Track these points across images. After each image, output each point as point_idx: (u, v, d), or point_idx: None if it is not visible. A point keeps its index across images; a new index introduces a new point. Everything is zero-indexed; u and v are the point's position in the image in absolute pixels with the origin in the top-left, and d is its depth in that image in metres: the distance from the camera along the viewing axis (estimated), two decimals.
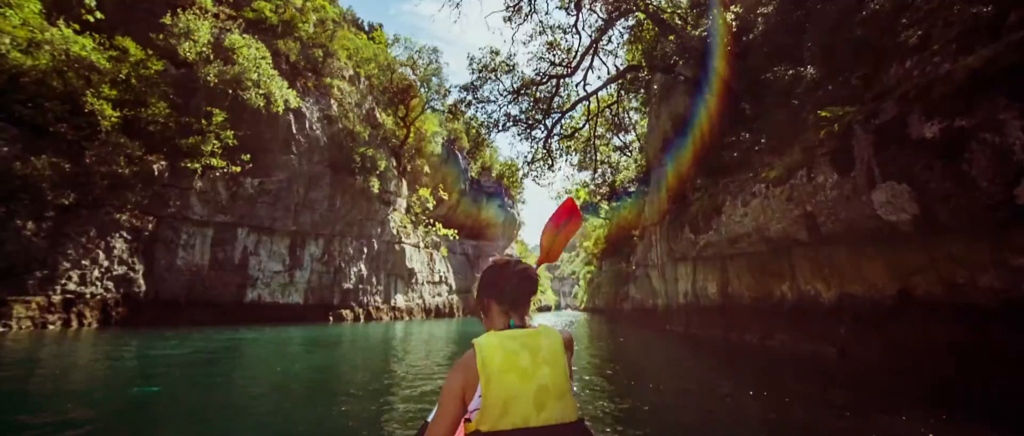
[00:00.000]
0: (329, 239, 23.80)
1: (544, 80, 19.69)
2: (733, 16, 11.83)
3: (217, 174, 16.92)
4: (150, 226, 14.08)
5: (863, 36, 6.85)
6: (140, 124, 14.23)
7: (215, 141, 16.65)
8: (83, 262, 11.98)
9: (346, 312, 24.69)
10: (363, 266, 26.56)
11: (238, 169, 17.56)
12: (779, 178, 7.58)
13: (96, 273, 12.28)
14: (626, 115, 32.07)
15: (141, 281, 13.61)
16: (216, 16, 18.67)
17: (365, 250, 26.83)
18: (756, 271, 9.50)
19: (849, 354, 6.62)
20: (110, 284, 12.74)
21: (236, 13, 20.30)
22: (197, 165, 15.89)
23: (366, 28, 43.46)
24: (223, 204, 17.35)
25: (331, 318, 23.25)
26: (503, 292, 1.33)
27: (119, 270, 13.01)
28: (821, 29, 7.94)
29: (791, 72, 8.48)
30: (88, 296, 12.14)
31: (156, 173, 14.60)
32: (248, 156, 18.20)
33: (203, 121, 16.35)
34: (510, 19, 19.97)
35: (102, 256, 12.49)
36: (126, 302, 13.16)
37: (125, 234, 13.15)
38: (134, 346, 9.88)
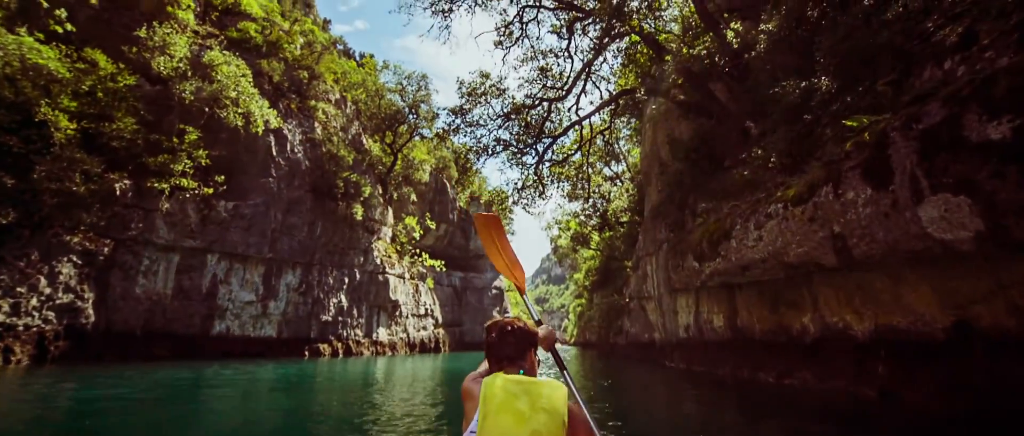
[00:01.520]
0: (308, 268, 22.55)
1: (536, 103, 19.24)
2: (734, 34, 11.45)
3: (187, 196, 15.85)
4: (106, 250, 12.87)
5: (887, 40, 6.30)
6: (103, 139, 13.24)
7: (187, 160, 15.66)
8: (18, 289, 10.69)
9: (324, 346, 23.16)
10: (344, 297, 25.20)
11: (210, 191, 16.52)
12: (799, 196, 6.85)
13: (33, 302, 10.98)
14: (617, 144, 31.86)
15: (90, 311, 12.27)
16: (197, 33, 18.03)
17: (346, 280, 25.52)
18: (769, 301, 8.66)
19: (892, 395, 5.72)
20: (50, 314, 11.41)
21: (219, 32, 19.72)
22: (165, 185, 14.84)
23: (357, 58, 43.47)
24: (192, 228, 16.19)
25: (307, 353, 21.72)
26: (497, 352, 1.48)
27: (63, 298, 11.70)
28: (834, 38, 7.44)
29: (803, 84, 7.92)
30: (20, 328, 10.76)
31: (118, 192, 13.51)
32: (222, 177, 17.20)
33: (175, 139, 15.40)
34: (501, 43, 19.68)
35: (43, 283, 11.22)
36: (69, 335, 11.78)
37: (75, 258, 11.92)
38: (70, 386, 8.60)
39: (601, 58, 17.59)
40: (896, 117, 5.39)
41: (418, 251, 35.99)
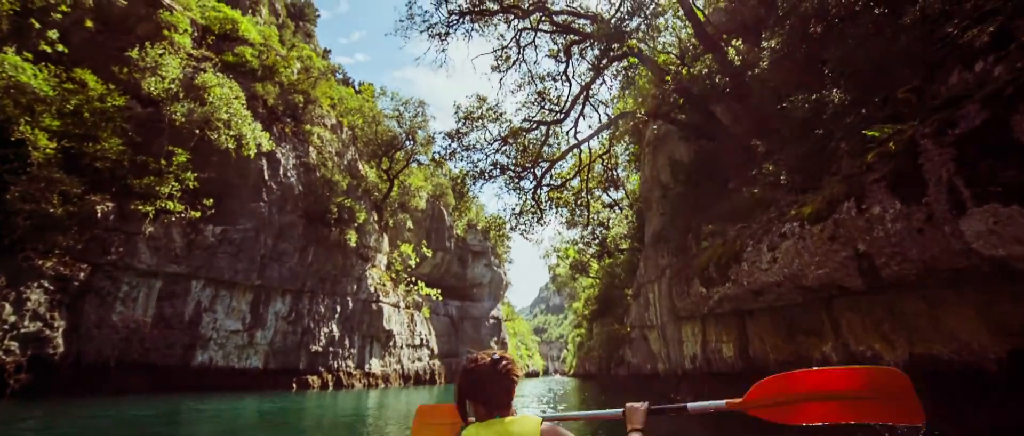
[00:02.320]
0: (297, 295, 21.80)
1: (533, 126, 18.99)
2: (735, 51, 11.24)
3: (173, 219, 15.30)
4: (82, 275, 12.22)
5: (904, 47, 5.96)
6: (86, 160, 12.80)
7: (174, 183, 15.20)
8: None
9: (313, 378, 22.18)
10: (335, 326, 24.34)
11: (198, 214, 15.99)
12: (817, 214, 6.36)
13: None
14: (615, 171, 31.66)
15: (59, 340, 11.52)
16: (191, 55, 17.89)
17: (338, 308, 24.72)
18: (785, 328, 8.04)
19: (937, 432, 5.06)
20: (13, 344, 10.65)
21: (215, 56, 19.63)
22: (150, 208, 14.31)
23: (355, 86, 43.80)
24: (177, 252, 15.57)
25: (295, 385, 20.73)
26: (483, 396, 1.35)
27: (30, 327, 10.97)
28: (844, 49, 7.13)
29: (814, 97, 7.57)
30: None
31: (99, 215, 12.96)
32: (211, 201, 16.70)
33: (163, 161, 14.98)
34: (498, 67, 19.60)
35: (8, 310, 10.52)
36: (33, 367, 10.98)
37: (46, 284, 11.26)
38: (29, 423, 7.85)
39: (599, 81, 17.45)
40: (925, 123, 4.96)
41: (414, 279, 35.24)
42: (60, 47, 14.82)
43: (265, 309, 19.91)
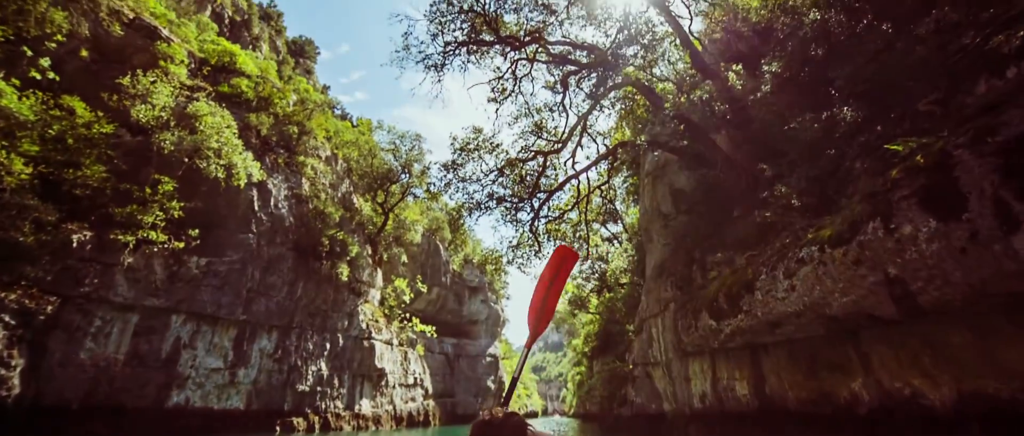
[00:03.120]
0: (285, 331, 20.86)
1: (530, 156, 18.71)
2: (735, 76, 11.04)
3: (155, 249, 14.67)
4: (49, 308, 11.46)
5: (921, 58, 5.64)
6: (65, 186, 12.30)
7: (159, 212, 14.66)
8: None
9: (298, 421, 20.92)
10: (324, 364, 23.22)
11: (181, 245, 15.36)
12: (838, 236, 5.85)
13: None
14: (613, 204, 31.36)
15: (15, 381, 10.63)
16: (185, 85, 17.75)
17: (328, 345, 23.67)
18: (805, 363, 7.38)
19: None
20: None
21: (210, 87, 19.53)
22: (131, 238, 13.70)
23: (353, 121, 44.07)
24: (157, 285, 14.84)
25: (279, 427, 19.50)
26: None
27: None
28: (854, 66, 6.83)
29: (824, 116, 7.22)
30: None
31: (74, 244, 12.34)
32: (197, 231, 16.11)
33: (148, 189, 14.49)
34: (495, 99, 19.52)
35: None
36: None
37: (7, 318, 10.49)
38: None
39: (597, 111, 17.31)
40: (958, 133, 4.54)
41: (408, 315, 34.18)
42: (51, 75, 14.62)
43: (249, 346, 18.94)
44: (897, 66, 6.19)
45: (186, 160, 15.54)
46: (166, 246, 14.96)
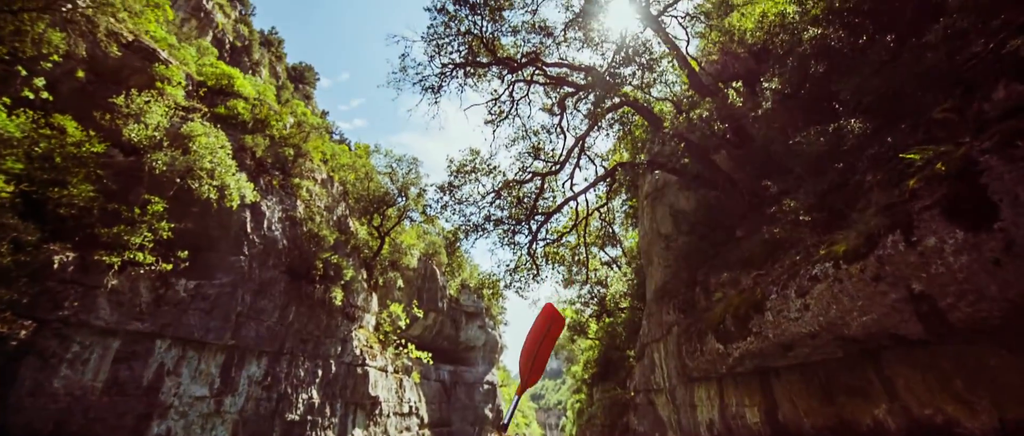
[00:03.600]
0: (275, 358, 20.17)
1: (528, 178, 18.51)
2: (735, 93, 10.93)
3: (141, 271, 14.20)
4: (23, 333, 10.93)
5: (932, 65, 5.45)
6: (50, 205, 11.95)
7: (148, 233, 14.26)
8: None
9: None
10: (315, 392, 22.42)
11: (169, 267, 14.91)
12: (854, 251, 5.53)
13: None
14: (611, 227, 31.11)
15: None
16: (180, 106, 17.62)
17: (320, 372, 22.91)
18: (821, 389, 6.94)
19: None
20: None
21: (206, 108, 19.43)
22: (116, 259, 13.27)
23: (350, 146, 44.16)
24: (142, 309, 14.31)
25: None
26: None
27: None
28: (860, 78, 6.65)
29: (833, 127, 7.00)
30: None
31: (56, 265, 11.90)
32: (186, 253, 15.68)
33: (137, 210, 14.14)
34: (492, 121, 19.47)
35: None
36: None
37: None
38: None
39: (595, 132, 17.21)
40: (981, 138, 4.29)
41: (404, 341, 33.36)
42: (45, 95, 14.46)
43: (238, 372, 18.24)
44: (904, 76, 6.00)
45: (178, 180, 15.26)
46: (153, 268, 14.51)
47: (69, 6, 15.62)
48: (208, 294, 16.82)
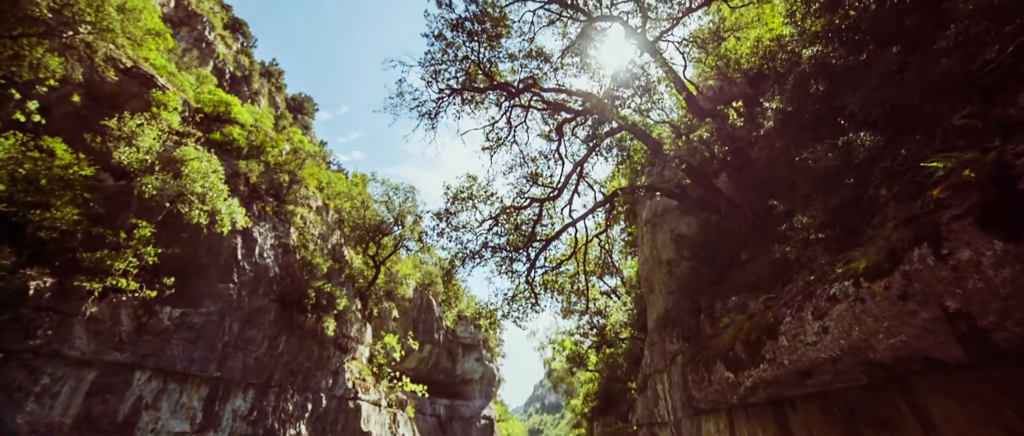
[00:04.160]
0: (263, 391, 19.31)
1: (526, 204, 18.21)
2: (735, 113, 10.76)
3: (124, 298, 13.65)
4: None
5: (945, 71, 5.21)
6: (30, 228, 11.53)
7: (133, 258, 13.79)
8: None
9: None
10: (304, 428, 21.41)
11: (153, 294, 14.36)
12: (876, 268, 5.14)
13: None
14: (610, 256, 30.67)
15: None
16: (175, 131, 17.46)
17: (309, 406, 21.96)
18: (843, 419, 6.40)
19: None
20: None
21: (201, 133, 19.29)
22: (97, 285, 12.74)
23: (348, 175, 44.15)
24: (122, 338, 13.67)
25: None
26: None
27: None
28: (867, 90, 6.43)
29: (843, 140, 6.73)
30: None
31: (31, 291, 11.37)
32: (172, 280, 15.16)
33: (123, 234, 13.71)
34: (489, 148, 19.33)
35: None
36: None
37: None
38: None
39: (593, 157, 17.04)
40: (1014, 142, 3.98)
41: (398, 374, 32.29)
42: (37, 118, 14.28)
43: (222, 406, 17.36)
44: (916, 85, 5.78)
45: (168, 205, 14.90)
46: (137, 295, 13.96)
47: (70, 33, 15.66)
48: (194, 323, 16.19)
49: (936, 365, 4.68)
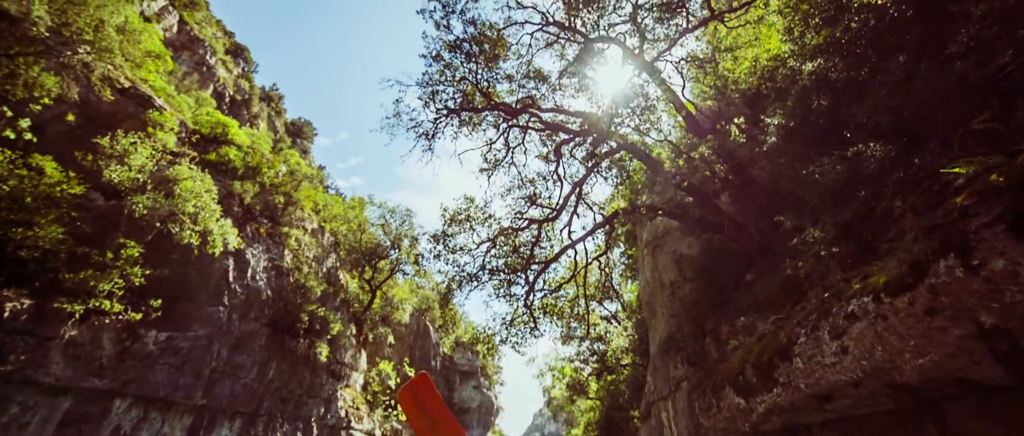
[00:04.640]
0: (251, 419, 18.53)
1: (524, 225, 17.90)
2: (737, 130, 10.58)
3: (107, 321, 13.14)
4: None
5: (960, 75, 5.00)
6: (10, 247, 11.15)
7: (118, 279, 13.35)
8: None
9: None
10: None
11: (138, 317, 13.86)
12: (898, 282, 4.79)
13: None
14: (610, 280, 30.19)
15: None
16: (169, 150, 17.27)
17: None
18: None
19: None
20: None
21: (197, 154, 19.12)
22: (78, 307, 12.27)
23: (345, 199, 43.95)
24: (102, 363, 13.10)
25: None
26: None
27: None
28: (875, 100, 6.23)
29: (851, 153, 6.48)
30: None
31: (6, 313, 10.90)
32: (159, 302, 14.68)
33: (109, 254, 13.32)
34: (487, 170, 19.16)
35: None
36: None
37: None
38: None
39: (592, 178, 16.83)
40: None
41: (393, 402, 31.27)
42: (28, 136, 14.08)
43: None
44: (926, 93, 5.56)
45: (158, 225, 14.56)
46: (120, 317, 13.46)
47: (69, 52, 15.64)
48: (180, 347, 15.61)
49: (972, 387, 4.29)
